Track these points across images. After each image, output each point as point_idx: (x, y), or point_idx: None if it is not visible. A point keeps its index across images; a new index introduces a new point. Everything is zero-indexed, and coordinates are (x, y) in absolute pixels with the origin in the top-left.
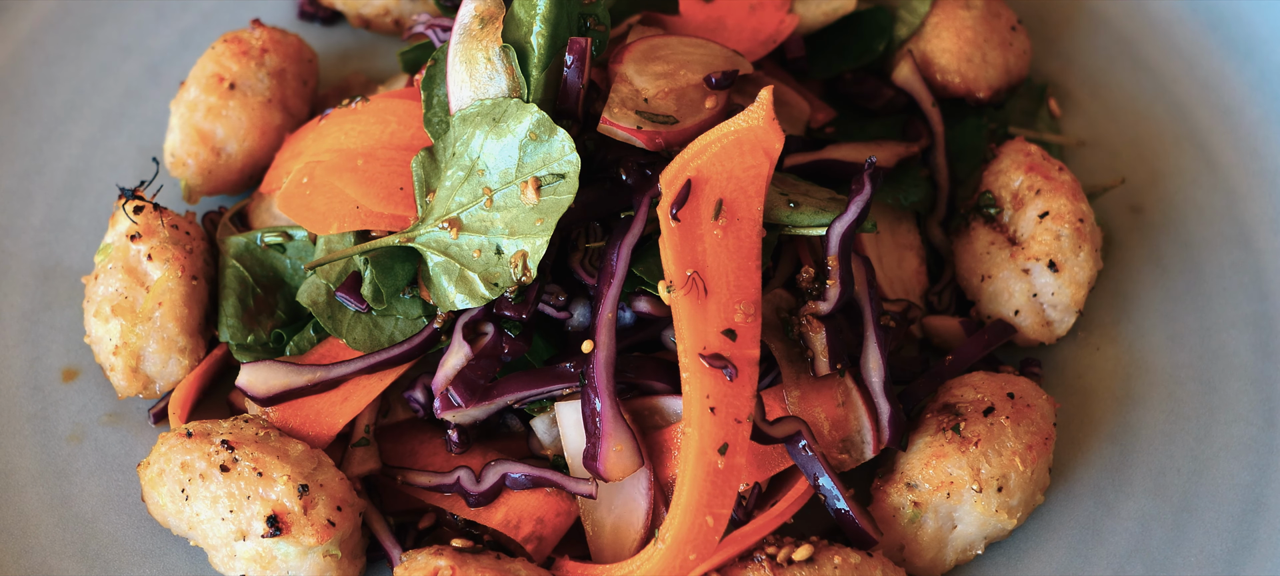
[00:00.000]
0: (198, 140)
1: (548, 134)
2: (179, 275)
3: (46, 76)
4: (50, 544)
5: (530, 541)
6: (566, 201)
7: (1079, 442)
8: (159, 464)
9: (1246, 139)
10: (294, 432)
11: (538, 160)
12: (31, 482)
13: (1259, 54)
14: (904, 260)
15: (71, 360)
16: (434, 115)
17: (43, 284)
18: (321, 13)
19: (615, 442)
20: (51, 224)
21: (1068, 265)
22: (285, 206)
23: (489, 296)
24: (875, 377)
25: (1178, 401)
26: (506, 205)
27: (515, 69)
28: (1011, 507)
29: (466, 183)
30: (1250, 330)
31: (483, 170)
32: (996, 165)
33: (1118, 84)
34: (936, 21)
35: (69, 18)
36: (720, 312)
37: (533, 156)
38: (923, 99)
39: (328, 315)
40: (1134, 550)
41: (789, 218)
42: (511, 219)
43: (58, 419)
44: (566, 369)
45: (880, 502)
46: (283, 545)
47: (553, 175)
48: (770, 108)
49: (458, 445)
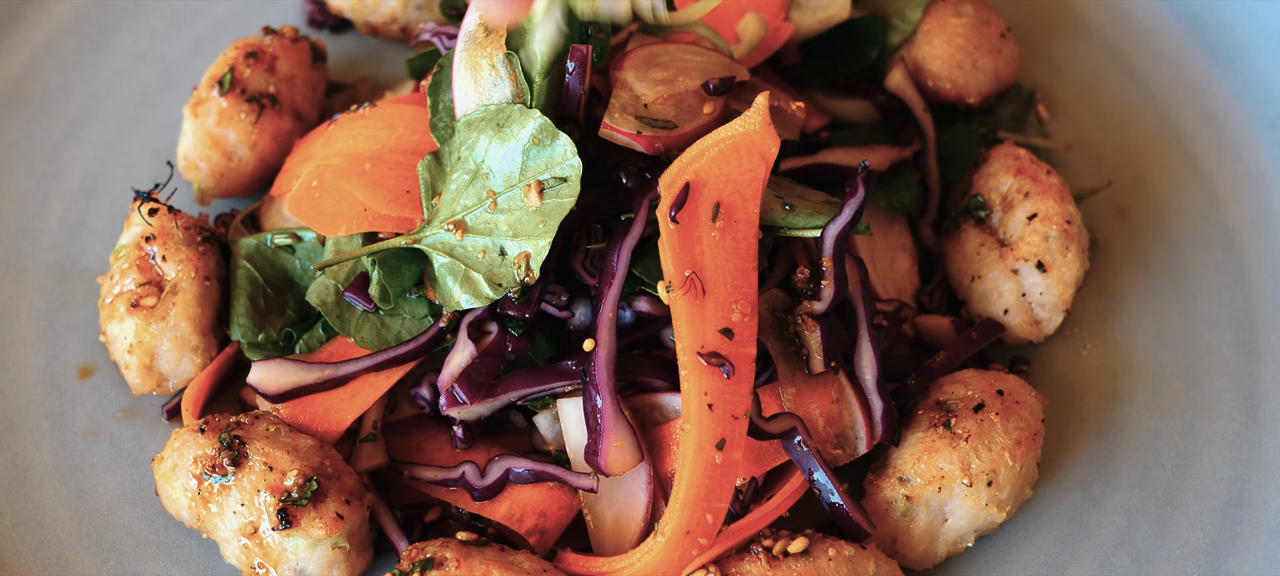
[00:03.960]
0: (210, 144)
1: (550, 139)
2: (192, 276)
3: (63, 82)
4: (67, 536)
5: (533, 534)
6: (568, 204)
7: (1066, 438)
8: (172, 459)
9: (1229, 143)
10: (303, 428)
11: (540, 164)
12: (49, 477)
13: (1241, 60)
14: (896, 261)
15: (87, 358)
16: (439, 120)
17: (59, 284)
18: (330, 20)
19: (616, 438)
20: (68, 226)
21: (1055, 266)
22: (295, 209)
23: (493, 296)
24: (868, 375)
25: (1162, 398)
26: (510, 208)
27: (518, 76)
28: (1001, 501)
29: (471, 186)
30: (1233, 329)
31: (487, 174)
32: (986, 168)
33: (1104, 90)
34: (928, 29)
35: (85, 25)
36: (718, 312)
37: (536, 161)
38: (914, 104)
39: (336, 314)
40: (1120, 543)
41: (785, 220)
42: (515, 221)
43: (74, 415)
44: (568, 367)
45: (873, 496)
46: (292, 538)
47: (555, 179)
48: (766, 113)
49: (463, 441)
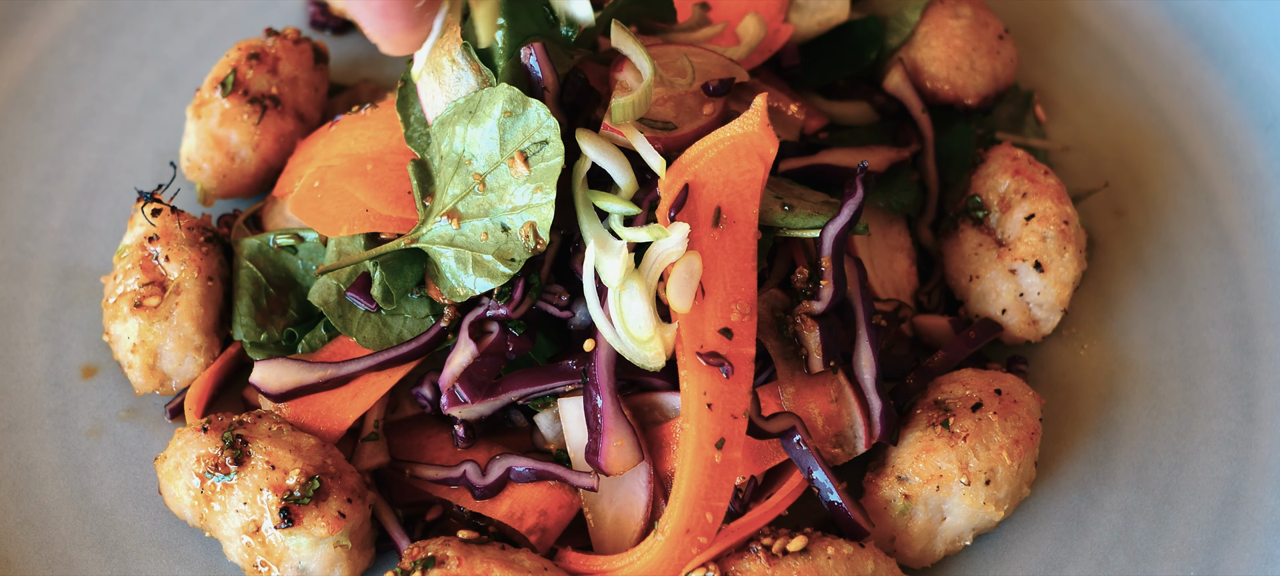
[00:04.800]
0: (213, 145)
1: (521, 107)
2: (195, 276)
3: (66, 84)
4: (70, 535)
5: (534, 532)
6: (557, 164)
7: (1064, 437)
8: (175, 458)
9: (1225, 144)
10: (306, 427)
11: (518, 134)
12: (52, 476)
13: (1237, 62)
14: (895, 261)
15: (91, 358)
16: (414, 132)
17: (63, 284)
18: (332, 22)
19: (616, 438)
20: (72, 226)
21: (1053, 266)
22: (297, 209)
23: (508, 272)
24: (867, 374)
25: (1159, 397)
26: (498, 185)
27: (478, 63)
28: (999, 500)
29: (457, 175)
30: (1229, 328)
31: (470, 160)
32: (984, 169)
33: (1101, 91)
34: (926, 31)
35: (88, 27)
36: (717, 312)
37: (513, 132)
38: (913, 105)
39: (338, 314)
40: (1117, 541)
41: (784, 220)
42: (509, 195)
43: (78, 414)
44: (569, 366)
45: (872, 495)
46: (295, 536)
47: (536, 144)
48: (765, 114)
49: (464, 440)
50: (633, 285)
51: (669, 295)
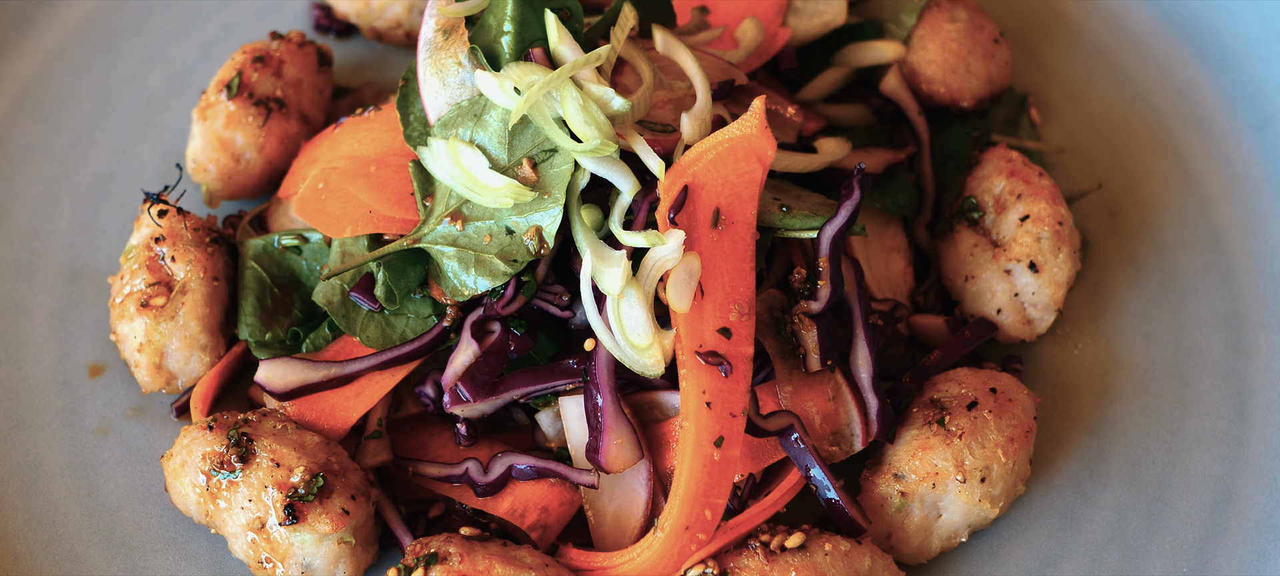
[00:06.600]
0: (218, 147)
1: None
2: (200, 276)
3: (74, 86)
4: (78, 532)
5: (535, 529)
6: (567, 170)
7: (1058, 435)
8: (181, 455)
9: (1218, 146)
10: (310, 426)
11: (527, 141)
12: (60, 473)
13: (1230, 65)
14: (891, 261)
15: (98, 357)
16: (413, 130)
17: (70, 284)
18: (336, 26)
19: (616, 436)
20: (79, 227)
21: (1047, 266)
22: (302, 210)
23: (510, 272)
24: (864, 373)
25: (1152, 396)
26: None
27: (486, 67)
28: (994, 497)
29: None
30: (1221, 328)
31: None
32: (980, 171)
33: (1096, 94)
34: (922, 34)
35: (95, 30)
36: (716, 312)
37: (522, 138)
38: (909, 108)
39: (342, 314)
40: (1110, 538)
41: (782, 221)
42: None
43: (85, 412)
44: (570, 365)
45: (869, 492)
46: (299, 533)
47: (544, 151)
48: (763, 116)
49: (466, 438)
50: (631, 293)
51: (668, 295)
